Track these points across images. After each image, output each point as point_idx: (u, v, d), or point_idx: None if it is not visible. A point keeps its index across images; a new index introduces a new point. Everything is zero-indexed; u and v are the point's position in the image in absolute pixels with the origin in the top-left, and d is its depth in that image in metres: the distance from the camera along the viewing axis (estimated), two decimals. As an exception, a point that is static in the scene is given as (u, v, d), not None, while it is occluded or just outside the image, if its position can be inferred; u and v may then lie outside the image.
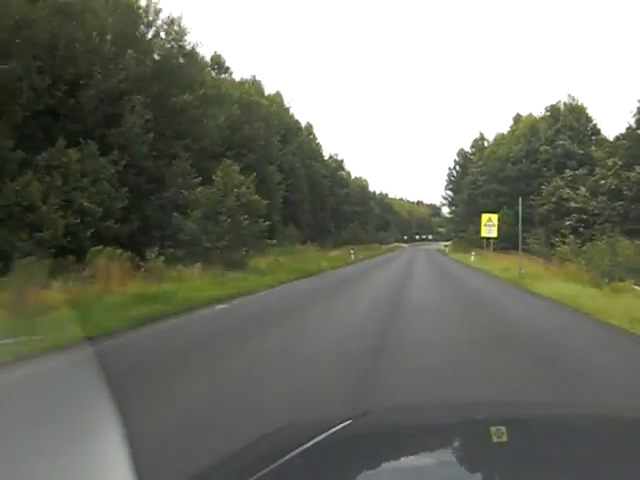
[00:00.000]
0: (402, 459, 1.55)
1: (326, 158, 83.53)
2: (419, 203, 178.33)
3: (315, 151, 71.28)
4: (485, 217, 32.58)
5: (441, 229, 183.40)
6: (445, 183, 75.62)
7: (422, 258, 47.96)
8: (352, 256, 36.28)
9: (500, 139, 57.48)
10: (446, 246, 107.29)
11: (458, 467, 1.46)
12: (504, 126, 62.38)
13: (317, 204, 68.35)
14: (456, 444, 1.66)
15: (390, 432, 1.79)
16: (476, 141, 70.22)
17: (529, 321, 12.28)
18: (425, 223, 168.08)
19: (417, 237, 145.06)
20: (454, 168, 73.56)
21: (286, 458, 1.38)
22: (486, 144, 66.96)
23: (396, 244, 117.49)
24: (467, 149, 73.11)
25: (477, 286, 21.66)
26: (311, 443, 1.48)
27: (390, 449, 1.57)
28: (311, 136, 74.04)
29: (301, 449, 1.44)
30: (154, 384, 6.35)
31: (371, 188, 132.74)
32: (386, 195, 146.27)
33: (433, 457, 1.55)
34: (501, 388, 6.06)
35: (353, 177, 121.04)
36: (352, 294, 16.78)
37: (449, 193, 74.98)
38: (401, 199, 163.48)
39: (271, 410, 5.03)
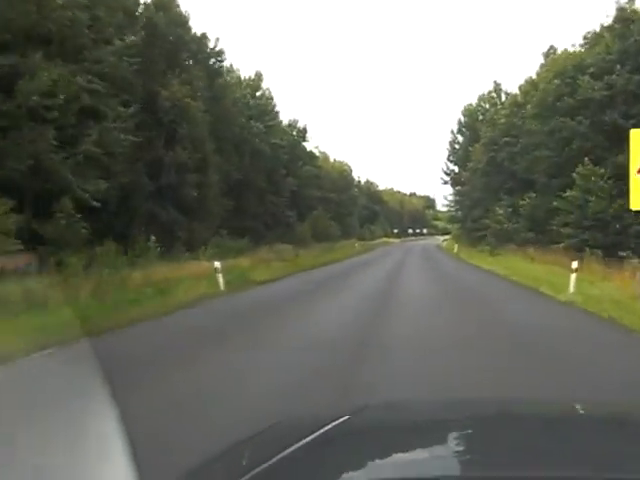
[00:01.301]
0: (399, 455, 1.53)
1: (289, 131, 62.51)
2: (412, 195, 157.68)
3: (265, 110, 49.99)
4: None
5: (437, 222, 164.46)
6: (447, 153, 54.16)
7: (420, 274, 22.66)
8: (219, 279, 13.14)
9: (529, 86, 36.23)
10: (445, 241, 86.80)
11: (455, 462, 1.45)
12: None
13: (262, 183, 47.29)
14: (453, 440, 1.66)
15: (387, 428, 1.79)
16: (489, 94, 48.91)
17: None
18: (419, 216, 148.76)
19: (410, 231, 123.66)
20: (459, 131, 52.26)
21: (282, 454, 1.37)
22: (504, 98, 45.88)
23: (384, 239, 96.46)
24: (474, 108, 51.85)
25: None
26: (308, 439, 1.47)
27: (387, 445, 1.56)
28: (261, 92, 52.69)
29: (297, 445, 1.43)
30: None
31: (356, 176, 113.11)
32: (373, 184, 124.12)
33: (430, 453, 1.54)
34: None
35: (332, 160, 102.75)
36: None
37: (452, 167, 53.61)
38: (391, 189, 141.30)
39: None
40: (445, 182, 54.53)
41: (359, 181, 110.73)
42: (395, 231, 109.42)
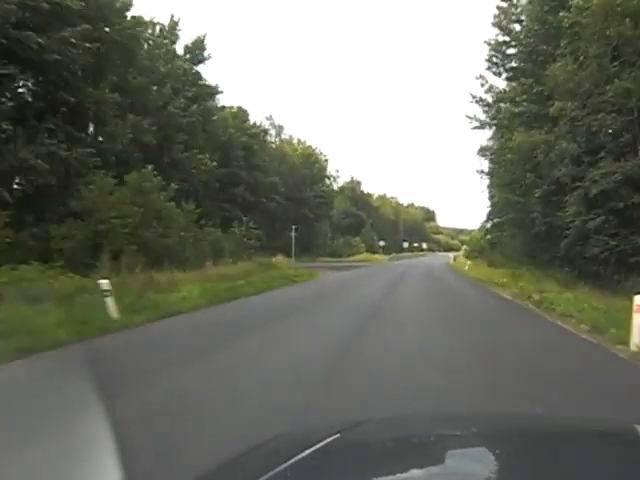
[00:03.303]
0: (392, 474, 1.47)
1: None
2: (410, 206, 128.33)
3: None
4: None
5: (439, 236, 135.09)
6: (489, 52, 24.16)
7: None
8: None
9: None
10: (456, 259, 57.64)
11: None
12: None
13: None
14: (449, 458, 1.57)
15: (380, 445, 1.72)
16: None
17: None
18: (417, 228, 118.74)
19: (405, 245, 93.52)
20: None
21: (272, 473, 1.35)
22: None
23: (365, 255, 65.94)
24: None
25: None
26: (299, 456, 1.45)
27: (380, 463, 1.51)
28: None
29: (289, 462, 1.41)
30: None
31: (334, 170, 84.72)
32: (358, 184, 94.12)
33: (425, 471, 1.49)
34: None
35: (296, 141, 73.50)
36: None
37: (508, 50, 23.72)
38: (384, 195, 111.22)
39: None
40: (475, 100, 24.05)
41: (336, 176, 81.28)
42: (381, 244, 78.58)
